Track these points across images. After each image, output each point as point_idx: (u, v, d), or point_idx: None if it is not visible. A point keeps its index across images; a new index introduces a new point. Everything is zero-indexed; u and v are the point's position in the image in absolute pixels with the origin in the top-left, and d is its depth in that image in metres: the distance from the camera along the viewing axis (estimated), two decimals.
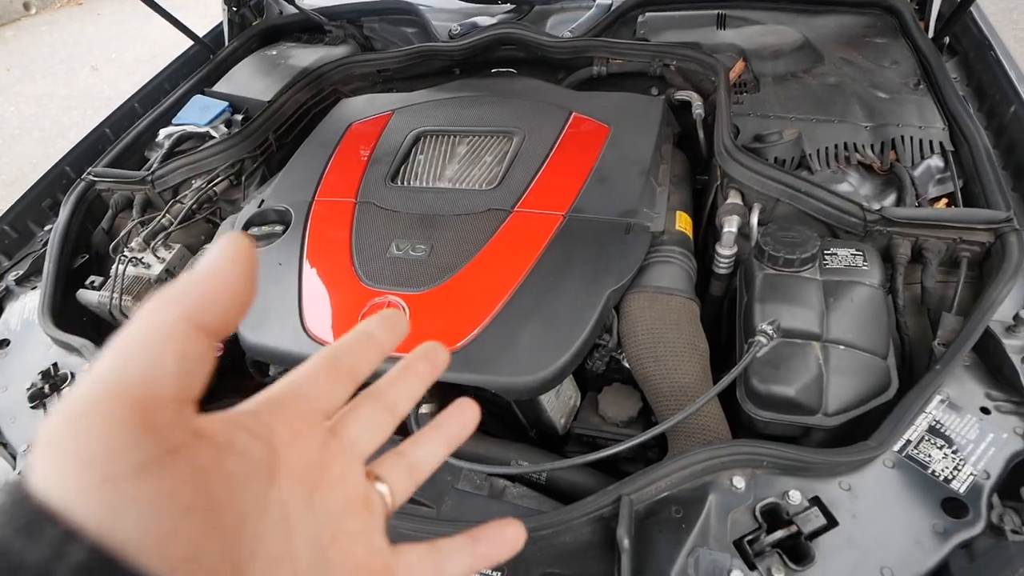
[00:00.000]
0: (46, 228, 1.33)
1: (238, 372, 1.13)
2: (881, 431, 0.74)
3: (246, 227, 1.14)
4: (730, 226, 1.00)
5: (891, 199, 1.05)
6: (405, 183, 1.15)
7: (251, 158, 1.35)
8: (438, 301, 0.92)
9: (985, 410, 0.76)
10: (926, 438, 0.74)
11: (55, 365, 1.01)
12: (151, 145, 1.44)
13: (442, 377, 0.92)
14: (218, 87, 1.55)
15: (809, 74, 1.25)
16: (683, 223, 1.05)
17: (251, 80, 1.55)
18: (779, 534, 0.66)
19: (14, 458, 0.92)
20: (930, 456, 0.72)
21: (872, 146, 1.08)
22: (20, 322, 1.14)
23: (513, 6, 1.62)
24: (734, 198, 1.03)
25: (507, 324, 0.87)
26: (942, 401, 0.77)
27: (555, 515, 0.70)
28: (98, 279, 1.17)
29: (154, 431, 0.18)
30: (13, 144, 3.89)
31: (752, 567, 0.64)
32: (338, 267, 1.01)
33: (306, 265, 1.03)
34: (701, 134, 1.26)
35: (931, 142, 1.07)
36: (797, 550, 0.65)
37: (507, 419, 1.02)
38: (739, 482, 0.72)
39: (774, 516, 0.70)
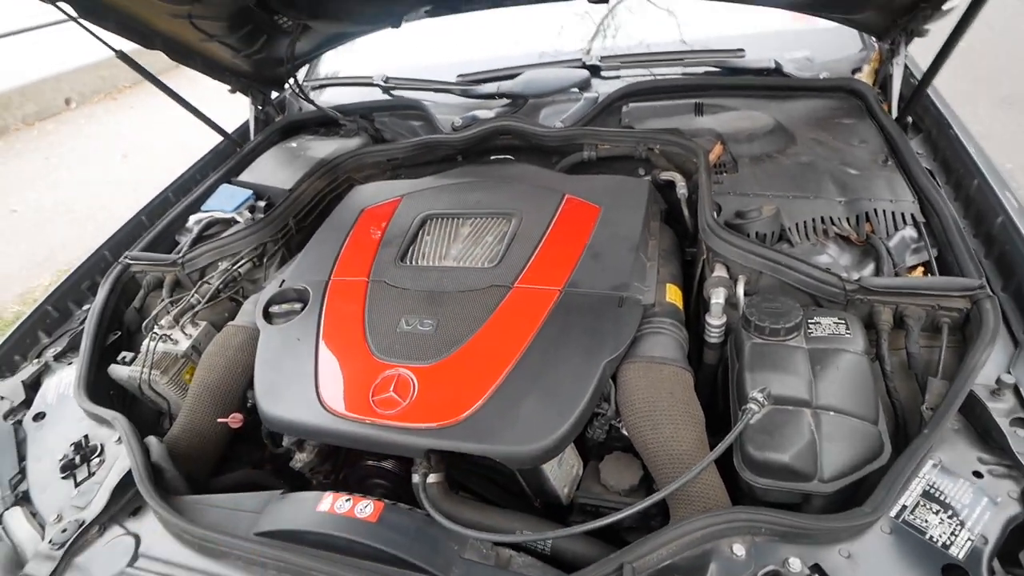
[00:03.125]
0: (84, 308, 1.42)
1: (252, 441, 1.16)
2: (875, 497, 0.75)
3: (267, 305, 1.21)
4: (717, 297, 1.05)
5: (870, 268, 1.10)
6: (413, 262, 1.23)
7: (272, 241, 1.45)
8: (444, 373, 0.97)
9: (978, 474, 0.77)
10: (921, 503, 0.75)
11: (86, 437, 1.06)
12: (182, 230, 1.56)
13: (448, 447, 0.95)
14: (243, 176, 1.69)
15: (783, 154, 1.35)
16: (673, 295, 1.11)
17: (274, 170, 1.70)
18: None
19: (43, 527, 0.93)
20: (927, 521, 0.73)
21: (848, 219, 1.15)
22: (56, 396, 1.19)
23: (509, 100, 1.78)
24: (720, 271, 1.10)
25: (509, 395, 0.92)
26: (935, 465, 0.78)
27: None
28: (129, 355, 1.24)
29: None
30: (45, 226, 4.13)
31: None
32: (352, 342, 1.07)
33: (322, 340, 1.09)
34: (686, 212, 1.35)
35: (903, 214, 1.14)
36: None
37: (513, 489, 1.03)
38: (739, 549, 0.73)
39: None
